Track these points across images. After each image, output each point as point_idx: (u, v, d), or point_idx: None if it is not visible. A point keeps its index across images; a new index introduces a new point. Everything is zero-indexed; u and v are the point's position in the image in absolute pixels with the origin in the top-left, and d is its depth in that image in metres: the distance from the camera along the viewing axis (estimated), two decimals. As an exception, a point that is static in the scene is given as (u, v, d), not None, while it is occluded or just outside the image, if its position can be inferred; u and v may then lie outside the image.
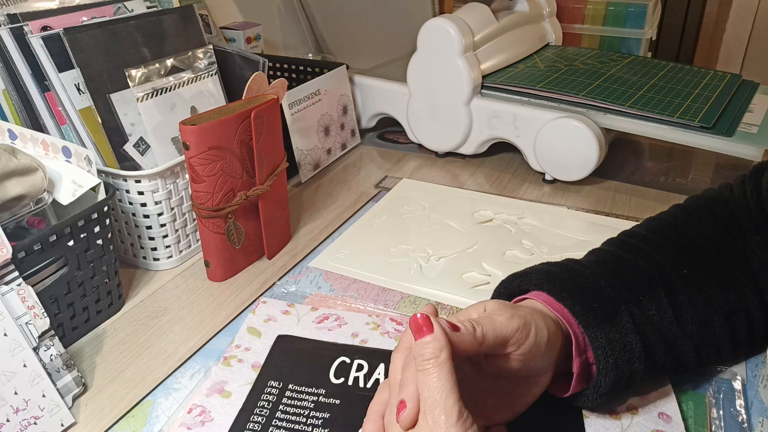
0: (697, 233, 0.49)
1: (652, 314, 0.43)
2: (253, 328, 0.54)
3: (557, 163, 0.79)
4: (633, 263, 0.46)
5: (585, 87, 0.80)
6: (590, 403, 0.42)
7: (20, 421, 0.42)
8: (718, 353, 0.46)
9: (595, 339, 0.41)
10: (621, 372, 0.41)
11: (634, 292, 0.44)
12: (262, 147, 0.61)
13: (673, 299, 0.44)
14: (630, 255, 0.47)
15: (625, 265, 0.46)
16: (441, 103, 0.85)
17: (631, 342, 0.42)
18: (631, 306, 0.43)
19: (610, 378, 0.41)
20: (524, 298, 0.45)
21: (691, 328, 0.44)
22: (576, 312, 0.42)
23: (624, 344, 0.41)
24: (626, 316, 0.42)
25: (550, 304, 0.42)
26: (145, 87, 0.60)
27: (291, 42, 1.27)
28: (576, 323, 0.42)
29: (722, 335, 0.45)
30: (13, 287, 0.45)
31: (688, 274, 0.46)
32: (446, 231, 0.69)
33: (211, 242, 0.60)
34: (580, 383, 0.42)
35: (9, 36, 0.56)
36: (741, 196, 0.51)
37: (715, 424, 0.44)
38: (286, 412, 0.45)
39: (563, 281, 0.44)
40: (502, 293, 0.47)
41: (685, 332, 0.44)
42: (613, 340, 0.41)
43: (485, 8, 0.88)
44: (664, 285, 0.45)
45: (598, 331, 0.41)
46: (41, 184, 0.52)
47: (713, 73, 0.88)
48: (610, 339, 0.41)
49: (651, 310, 0.43)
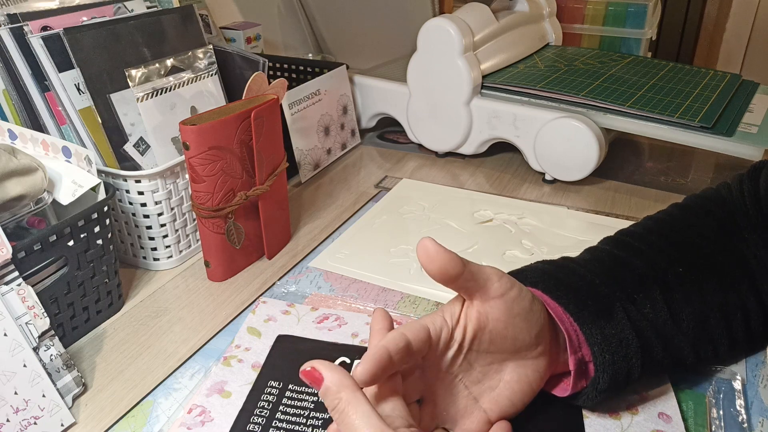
0: (695, 231, 0.49)
1: (647, 312, 0.43)
2: (253, 328, 0.54)
3: (557, 163, 0.79)
4: (628, 261, 0.46)
5: (585, 87, 0.80)
6: (590, 402, 0.42)
7: (20, 421, 0.42)
8: (715, 351, 0.46)
9: (590, 335, 0.41)
10: (618, 368, 0.41)
11: (629, 291, 0.44)
12: (262, 147, 0.61)
13: (668, 297, 0.44)
14: (625, 253, 0.47)
15: (620, 263, 0.46)
16: (441, 103, 0.85)
17: (627, 338, 0.42)
18: (626, 303, 0.43)
19: (608, 374, 0.41)
20: None
21: (687, 325, 0.44)
22: (570, 309, 0.42)
23: (620, 340, 0.41)
24: (621, 313, 0.42)
25: (545, 302, 0.42)
26: (145, 87, 0.60)
27: (291, 42, 1.27)
28: (570, 321, 0.42)
29: (719, 333, 0.45)
30: (13, 287, 0.45)
31: (684, 272, 0.46)
32: (446, 231, 0.69)
33: (211, 242, 0.60)
34: (578, 382, 0.42)
35: (9, 36, 0.56)
36: (739, 196, 0.51)
37: (715, 424, 0.44)
38: (287, 412, 0.45)
39: (558, 279, 0.44)
40: None
41: (681, 329, 0.44)
42: (609, 336, 0.41)
43: (485, 8, 0.88)
44: (659, 283, 0.45)
45: (593, 327, 0.41)
46: (41, 184, 0.52)
47: (713, 73, 0.88)
48: (605, 335, 0.41)
49: (646, 308, 0.43)
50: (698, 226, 0.50)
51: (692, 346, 0.44)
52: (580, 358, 0.42)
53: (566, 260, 0.47)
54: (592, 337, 0.41)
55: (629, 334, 0.42)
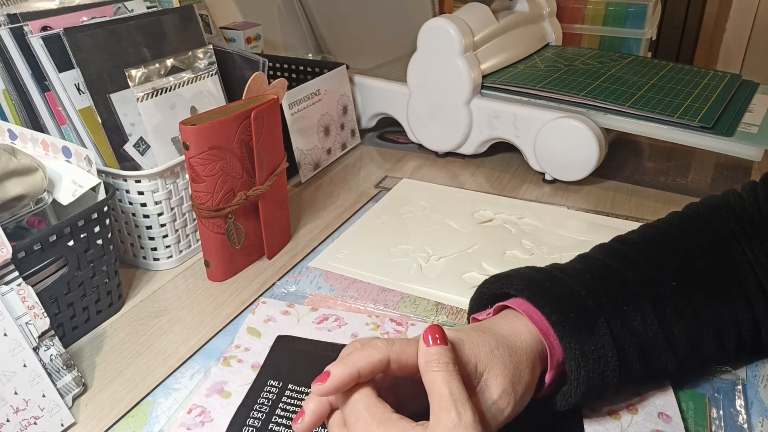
0: (692, 243, 0.48)
1: (636, 325, 0.42)
2: (252, 329, 0.54)
3: (557, 163, 0.79)
4: (620, 273, 0.45)
5: (585, 87, 0.80)
6: (557, 408, 0.42)
7: (20, 421, 0.42)
8: (703, 364, 0.46)
9: (568, 349, 0.40)
10: (593, 384, 0.41)
11: (618, 302, 0.43)
12: (262, 147, 0.61)
13: (660, 311, 0.43)
14: (618, 264, 0.46)
15: (612, 274, 0.45)
16: (441, 103, 0.85)
17: (607, 355, 0.41)
18: (611, 318, 0.42)
19: (580, 390, 0.40)
20: (504, 305, 0.44)
21: (679, 341, 0.43)
22: (553, 321, 0.41)
23: (598, 357, 0.41)
24: (604, 328, 0.41)
25: (530, 314, 0.42)
26: (145, 87, 0.60)
27: (291, 42, 1.27)
28: (552, 332, 0.41)
29: (711, 349, 0.44)
30: (13, 287, 0.45)
31: (678, 287, 0.45)
32: (446, 231, 0.69)
33: (211, 242, 0.60)
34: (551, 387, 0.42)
35: (9, 36, 0.56)
36: (752, 203, 0.50)
37: (715, 424, 0.44)
38: (286, 410, 0.45)
39: (544, 289, 0.43)
40: (483, 293, 0.47)
41: (672, 345, 0.43)
42: (588, 353, 0.40)
43: (485, 8, 0.88)
44: (650, 297, 0.44)
45: (573, 341, 0.41)
46: (41, 184, 0.52)
47: (713, 73, 0.88)
48: (584, 351, 0.40)
49: (635, 321, 0.43)
50: (696, 237, 0.48)
51: (679, 363, 0.44)
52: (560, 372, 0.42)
53: (555, 269, 0.46)
54: (569, 351, 0.40)
55: (609, 352, 0.41)
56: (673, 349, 0.43)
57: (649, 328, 0.43)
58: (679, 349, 0.43)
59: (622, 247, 0.48)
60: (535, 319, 0.42)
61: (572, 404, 0.41)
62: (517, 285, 0.44)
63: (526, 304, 0.43)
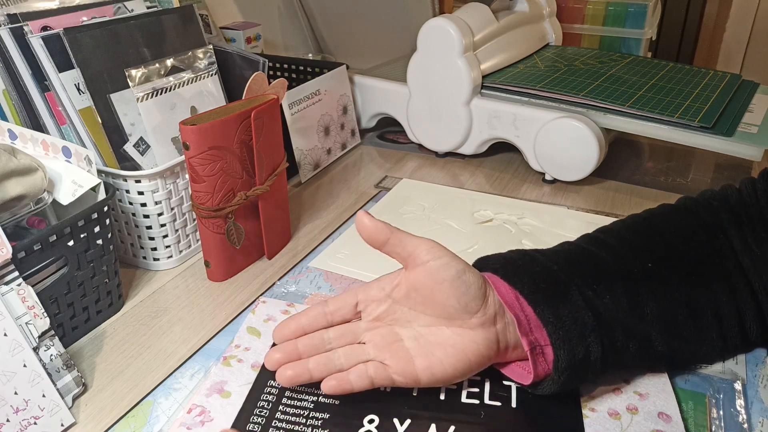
0: (673, 229, 0.49)
1: (606, 301, 0.44)
2: (252, 328, 0.54)
3: (557, 163, 0.79)
4: (594, 254, 0.47)
5: (585, 87, 0.80)
6: (555, 385, 0.42)
7: (20, 421, 0.42)
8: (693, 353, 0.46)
9: (543, 316, 0.42)
10: (574, 345, 0.42)
11: (589, 280, 0.44)
12: (262, 147, 0.61)
13: (631, 290, 0.45)
14: (594, 248, 0.48)
15: (586, 255, 0.47)
16: (441, 103, 0.85)
17: (583, 317, 0.42)
18: (583, 288, 0.44)
19: (564, 351, 0.41)
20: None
21: (651, 320, 0.44)
22: (524, 292, 0.43)
23: (574, 318, 0.42)
24: (577, 295, 0.43)
25: (498, 287, 0.44)
26: (145, 87, 0.60)
27: (291, 42, 1.27)
28: (525, 303, 0.43)
29: (688, 331, 0.45)
30: (13, 287, 0.45)
31: (652, 268, 0.46)
32: (446, 231, 0.69)
33: (211, 242, 0.60)
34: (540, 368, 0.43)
35: (9, 36, 0.56)
36: (750, 194, 0.51)
37: (715, 424, 0.44)
38: (286, 412, 0.45)
39: (517, 266, 0.45)
40: None
41: (644, 322, 0.44)
42: (563, 316, 0.42)
43: (485, 8, 0.88)
44: (622, 276, 0.45)
45: (546, 308, 0.42)
46: (41, 184, 0.52)
47: (713, 73, 0.88)
48: (559, 315, 0.42)
49: (605, 298, 0.44)
50: (677, 224, 0.50)
51: (661, 336, 0.44)
52: (534, 341, 0.43)
53: (533, 250, 0.48)
54: (544, 317, 0.42)
55: (584, 314, 0.42)
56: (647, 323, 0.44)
57: (619, 306, 0.44)
58: (653, 325, 0.44)
59: (601, 234, 0.50)
60: (502, 291, 0.44)
61: (563, 373, 0.42)
62: (493, 264, 0.47)
63: (499, 280, 0.45)
